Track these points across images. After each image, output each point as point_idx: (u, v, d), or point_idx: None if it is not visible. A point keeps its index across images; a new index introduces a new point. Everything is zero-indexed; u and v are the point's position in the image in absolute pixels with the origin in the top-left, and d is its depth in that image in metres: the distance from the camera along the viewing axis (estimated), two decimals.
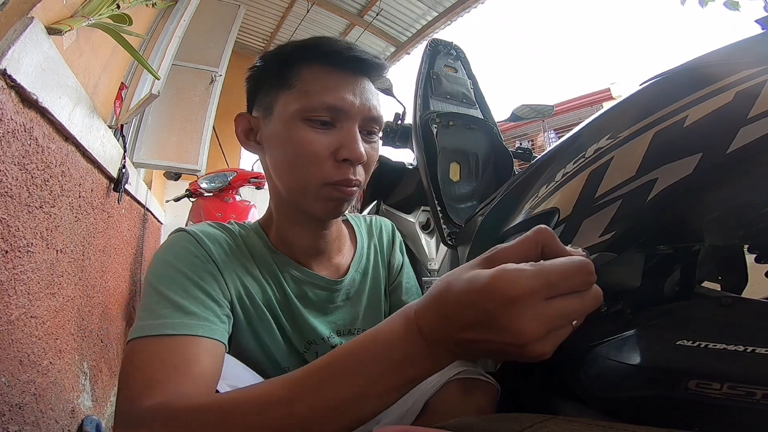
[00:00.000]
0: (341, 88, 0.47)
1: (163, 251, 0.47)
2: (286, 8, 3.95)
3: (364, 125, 0.49)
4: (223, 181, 2.24)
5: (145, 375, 0.36)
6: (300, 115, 0.47)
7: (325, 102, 0.46)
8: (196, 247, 0.47)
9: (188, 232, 0.49)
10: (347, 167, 0.47)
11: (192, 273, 0.44)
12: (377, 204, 1.35)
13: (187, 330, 0.39)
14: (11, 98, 0.63)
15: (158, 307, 0.41)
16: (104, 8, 0.90)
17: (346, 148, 0.46)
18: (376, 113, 0.50)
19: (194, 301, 0.42)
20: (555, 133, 6.06)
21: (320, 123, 0.47)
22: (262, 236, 0.55)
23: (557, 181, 0.57)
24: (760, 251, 0.55)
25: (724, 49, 0.46)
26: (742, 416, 0.43)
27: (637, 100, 0.52)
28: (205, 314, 0.42)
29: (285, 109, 0.48)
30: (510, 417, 0.44)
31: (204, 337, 0.40)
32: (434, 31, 3.83)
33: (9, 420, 0.65)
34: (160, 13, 1.69)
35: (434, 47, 1.17)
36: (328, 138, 0.47)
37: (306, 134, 0.47)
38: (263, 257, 0.53)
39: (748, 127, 0.40)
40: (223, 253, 0.49)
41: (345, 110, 0.47)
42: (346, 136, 0.47)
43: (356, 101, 0.47)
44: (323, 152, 0.47)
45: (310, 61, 0.48)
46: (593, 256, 0.50)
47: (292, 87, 0.48)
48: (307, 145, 0.46)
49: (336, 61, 0.48)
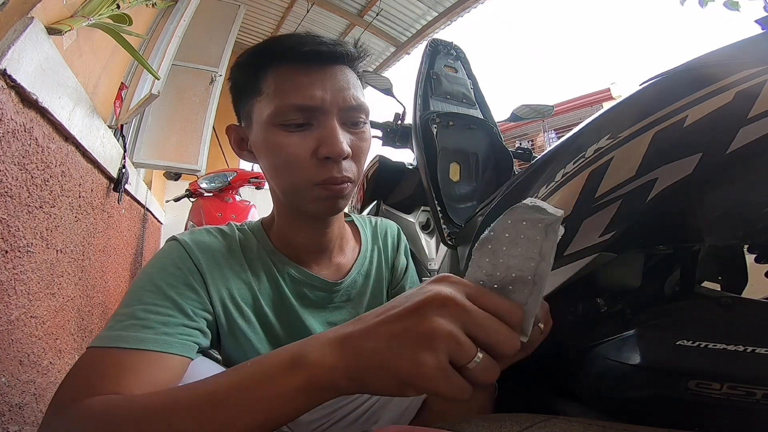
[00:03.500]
0: (308, 85, 0.45)
1: (152, 261, 0.47)
2: (286, 8, 3.95)
3: (345, 117, 0.47)
4: (223, 181, 2.24)
5: (82, 381, 0.37)
6: (272, 121, 0.46)
7: (293, 104, 0.45)
8: (183, 259, 0.47)
9: (179, 242, 0.48)
10: (331, 165, 0.46)
11: (166, 285, 0.44)
12: (377, 204, 1.35)
13: (138, 344, 0.39)
14: (11, 98, 0.63)
15: (122, 319, 0.41)
16: (104, 8, 0.91)
17: (325, 145, 0.45)
18: (354, 102, 0.47)
19: (159, 316, 0.42)
20: (555, 133, 6.06)
21: (295, 125, 0.45)
22: (262, 237, 0.55)
23: (557, 181, 0.57)
24: (760, 251, 0.55)
25: (724, 49, 0.46)
26: (742, 416, 0.43)
27: (637, 100, 0.52)
28: (166, 329, 0.42)
29: (260, 117, 0.47)
30: (510, 417, 0.44)
31: (156, 351, 0.40)
32: (434, 31, 3.83)
33: (9, 420, 0.65)
34: (160, 13, 1.69)
35: (434, 47, 1.17)
36: (306, 138, 0.46)
37: (282, 139, 0.46)
38: (261, 260, 0.53)
39: (748, 127, 0.40)
40: (213, 264, 0.49)
41: (316, 107, 0.45)
42: (323, 133, 0.45)
43: (326, 96, 0.45)
44: (303, 154, 0.45)
45: (273, 64, 0.47)
46: (593, 256, 0.50)
47: (261, 93, 0.47)
48: (285, 149, 0.46)
49: (297, 57, 0.46)
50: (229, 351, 0.51)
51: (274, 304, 0.53)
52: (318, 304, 0.55)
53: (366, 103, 0.49)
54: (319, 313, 0.56)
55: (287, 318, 0.54)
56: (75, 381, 0.37)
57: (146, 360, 0.39)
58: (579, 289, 0.56)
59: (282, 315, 0.53)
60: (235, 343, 0.51)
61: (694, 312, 0.51)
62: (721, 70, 0.43)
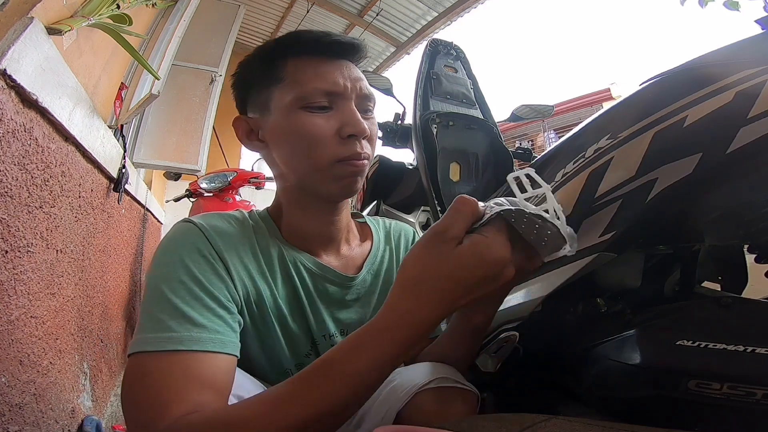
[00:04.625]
0: (330, 72, 0.50)
1: (169, 246, 0.45)
2: (286, 8, 3.95)
3: (359, 104, 0.52)
4: (223, 181, 2.24)
5: (158, 396, 0.35)
6: (297, 104, 0.49)
7: (319, 88, 0.49)
8: (205, 245, 0.45)
9: (196, 225, 0.47)
10: (353, 142, 0.49)
11: (201, 275, 0.43)
12: (377, 204, 1.34)
13: (198, 345, 0.38)
14: (11, 98, 0.63)
15: (165, 317, 0.39)
16: (104, 8, 0.91)
17: (349, 124, 0.49)
18: (368, 91, 0.53)
19: (204, 311, 0.41)
20: (555, 133, 6.06)
21: (318, 108, 0.49)
22: (272, 225, 0.55)
23: (557, 181, 0.57)
24: (760, 251, 0.56)
25: (724, 49, 0.46)
26: (742, 416, 0.43)
27: (637, 100, 0.52)
28: (216, 326, 0.41)
29: (281, 102, 0.50)
30: (510, 417, 0.44)
31: (215, 352, 0.39)
32: (434, 31, 3.83)
33: (9, 420, 0.65)
34: (160, 13, 1.69)
35: (434, 47, 1.17)
36: (328, 120, 0.49)
37: (307, 119, 0.49)
38: (275, 248, 0.52)
39: (748, 127, 0.40)
40: (233, 251, 0.48)
41: (339, 92, 0.49)
42: (346, 114, 0.49)
43: (348, 83, 0.50)
44: (328, 133, 0.49)
45: (293, 54, 0.50)
46: (593, 256, 0.51)
47: (282, 80, 0.50)
48: (311, 128, 0.48)
49: (317, 49, 0.50)
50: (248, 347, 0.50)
51: (288, 295, 0.52)
52: (331, 297, 0.55)
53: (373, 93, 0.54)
54: (329, 307, 0.55)
55: (300, 310, 0.53)
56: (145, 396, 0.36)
57: (208, 362, 0.38)
58: (579, 289, 0.56)
59: (295, 307, 0.53)
60: (256, 339, 0.50)
61: (694, 312, 0.51)
62: (721, 70, 0.44)
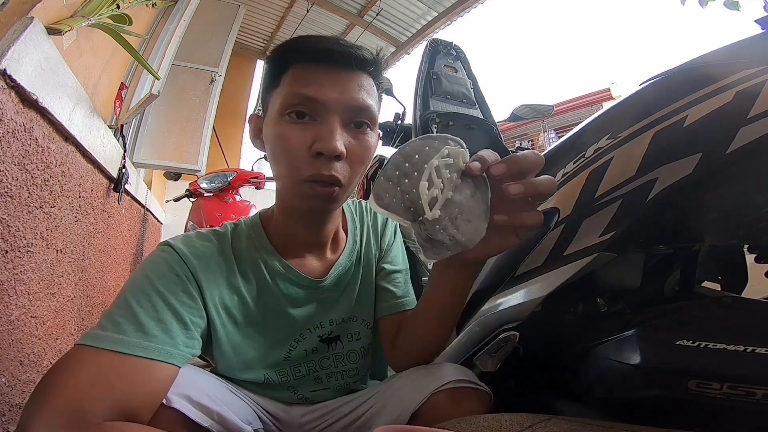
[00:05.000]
0: (321, 80, 0.46)
1: (145, 265, 0.47)
2: (286, 8, 3.95)
3: (348, 116, 0.47)
4: (223, 181, 2.23)
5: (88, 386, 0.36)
6: (281, 110, 0.47)
7: (301, 93, 0.46)
8: (180, 265, 0.47)
9: (174, 248, 0.49)
10: (323, 162, 0.45)
11: (167, 292, 0.45)
12: None
13: (142, 352, 0.40)
14: (11, 98, 0.63)
15: (122, 321, 0.41)
16: (104, 8, 0.90)
17: (320, 140, 0.45)
18: (362, 103, 0.47)
19: (159, 324, 0.42)
20: (555, 133, 6.06)
21: (297, 115, 0.46)
22: (258, 232, 0.55)
23: (557, 180, 0.57)
24: (760, 251, 0.56)
25: (724, 49, 0.46)
26: (742, 416, 0.43)
27: (637, 100, 0.52)
28: (167, 337, 0.42)
29: (273, 107, 0.49)
30: (510, 417, 0.44)
31: (157, 360, 0.41)
32: (434, 31, 3.83)
33: (9, 420, 0.65)
34: (160, 13, 1.69)
35: (434, 47, 1.17)
36: (305, 132, 0.46)
37: (284, 128, 0.47)
38: (251, 260, 0.54)
39: (748, 127, 0.40)
40: (207, 270, 0.49)
41: (321, 101, 0.45)
42: (321, 128, 0.45)
43: (334, 93, 0.46)
44: (300, 146, 0.46)
45: (299, 60, 0.48)
46: (593, 256, 0.51)
47: (279, 85, 0.49)
48: (285, 140, 0.46)
49: (321, 56, 0.47)
50: (217, 350, 0.52)
51: (262, 303, 0.53)
52: (305, 300, 0.55)
53: (375, 110, 0.49)
54: (305, 307, 0.56)
55: (273, 316, 0.54)
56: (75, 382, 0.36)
57: (148, 368, 0.40)
58: (579, 289, 0.56)
59: (269, 313, 0.54)
60: (223, 343, 0.52)
61: (694, 312, 0.51)
62: (721, 70, 0.43)
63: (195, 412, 0.43)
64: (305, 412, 0.57)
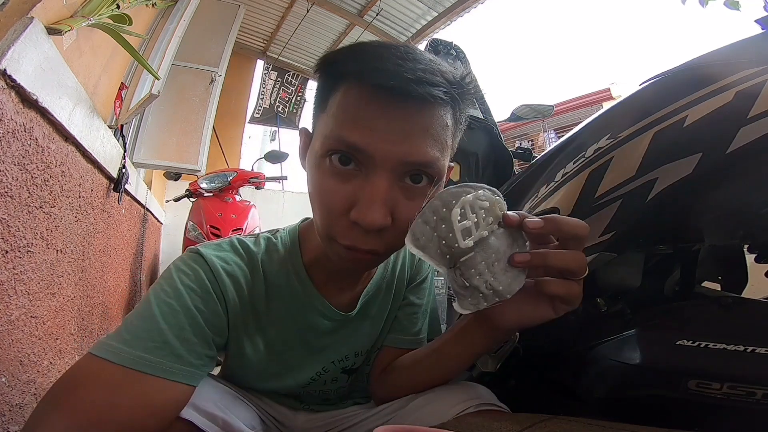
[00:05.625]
0: (375, 121, 0.36)
1: (176, 273, 0.44)
2: (286, 8, 3.94)
3: (403, 171, 0.37)
4: (223, 181, 2.23)
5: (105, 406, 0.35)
6: (323, 149, 0.38)
7: (345, 140, 0.36)
8: (211, 281, 0.45)
9: (206, 260, 0.45)
10: (359, 231, 0.38)
11: (195, 309, 0.42)
12: None
13: (163, 374, 0.38)
14: (11, 98, 0.63)
15: (146, 336, 0.39)
16: (104, 8, 0.90)
17: (358, 208, 0.37)
18: (422, 158, 0.37)
19: (183, 343, 0.40)
20: (555, 133, 6.06)
21: (340, 161, 0.37)
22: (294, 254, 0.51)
23: (557, 180, 0.57)
24: (760, 251, 0.55)
25: (724, 49, 0.46)
26: (742, 416, 0.43)
27: (637, 100, 0.52)
28: (190, 358, 0.41)
29: (316, 138, 0.41)
30: (510, 417, 0.44)
31: (177, 382, 0.39)
32: (434, 31, 3.83)
33: (9, 420, 0.65)
34: (160, 13, 1.69)
35: (434, 47, 1.17)
36: (346, 186, 0.38)
37: (323, 177, 0.39)
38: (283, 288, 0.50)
39: (748, 126, 0.40)
40: (237, 293, 0.47)
41: (369, 154, 0.36)
42: (363, 190, 0.37)
43: (388, 144, 0.36)
44: (338, 206, 0.38)
45: (349, 78, 0.37)
46: (593, 256, 0.51)
47: (325, 110, 0.39)
48: (322, 192, 0.39)
49: (380, 80, 0.35)
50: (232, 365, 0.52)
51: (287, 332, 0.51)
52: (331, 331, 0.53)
53: (442, 164, 0.39)
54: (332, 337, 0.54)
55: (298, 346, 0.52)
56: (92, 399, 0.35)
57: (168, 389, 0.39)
58: None
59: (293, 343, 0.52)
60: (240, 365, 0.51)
61: (694, 312, 0.51)
62: (721, 70, 0.43)
63: (202, 420, 0.43)
64: (309, 419, 0.57)
